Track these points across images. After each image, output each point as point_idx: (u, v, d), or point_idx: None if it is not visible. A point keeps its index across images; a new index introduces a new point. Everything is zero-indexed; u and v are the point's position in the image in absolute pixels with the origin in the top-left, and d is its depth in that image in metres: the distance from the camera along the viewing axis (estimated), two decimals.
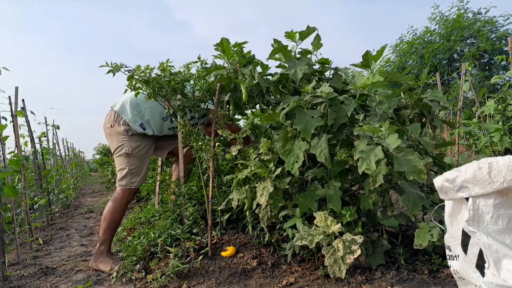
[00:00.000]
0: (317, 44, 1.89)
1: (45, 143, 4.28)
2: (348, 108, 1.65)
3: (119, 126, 2.27)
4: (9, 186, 2.23)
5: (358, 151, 1.49)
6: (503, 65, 11.51)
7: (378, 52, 1.81)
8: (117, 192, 2.30)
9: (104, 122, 2.36)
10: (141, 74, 1.97)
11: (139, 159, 2.30)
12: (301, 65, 1.83)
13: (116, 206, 2.26)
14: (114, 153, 2.32)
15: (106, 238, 2.24)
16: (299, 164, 1.62)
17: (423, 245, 1.59)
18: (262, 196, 1.72)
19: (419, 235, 1.63)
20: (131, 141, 2.27)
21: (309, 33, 1.82)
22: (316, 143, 1.62)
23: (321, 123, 1.62)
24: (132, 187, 2.29)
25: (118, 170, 2.32)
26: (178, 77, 1.99)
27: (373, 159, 1.43)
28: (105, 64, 1.88)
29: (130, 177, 2.28)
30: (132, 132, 2.27)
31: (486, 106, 4.37)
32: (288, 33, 1.84)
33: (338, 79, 1.96)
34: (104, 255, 2.21)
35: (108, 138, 2.36)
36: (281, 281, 1.72)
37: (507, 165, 1.16)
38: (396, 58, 15.01)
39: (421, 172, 1.40)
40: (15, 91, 2.96)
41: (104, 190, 7.63)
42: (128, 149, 2.25)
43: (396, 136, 1.43)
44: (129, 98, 2.29)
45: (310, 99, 1.68)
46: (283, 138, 1.70)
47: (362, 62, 1.88)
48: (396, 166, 1.43)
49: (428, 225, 1.65)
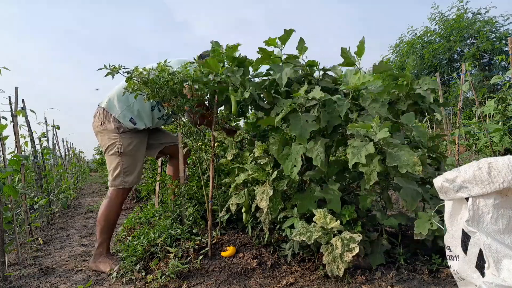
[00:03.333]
0: (302, 48, 1.87)
1: (45, 143, 4.28)
2: (341, 109, 1.64)
3: (110, 123, 2.20)
4: (9, 186, 2.23)
5: (351, 147, 1.50)
6: (503, 65, 11.51)
7: (359, 46, 1.77)
8: (110, 192, 2.24)
9: (93, 121, 2.30)
10: (139, 75, 1.96)
11: (132, 157, 2.25)
12: (287, 69, 1.80)
13: (110, 207, 2.22)
14: (106, 152, 2.25)
15: (104, 239, 2.21)
16: (298, 169, 1.61)
17: (423, 233, 1.58)
18: (262, 200, 1.71)
19: (418, 224, 1.62)
20: (123, 138, 2.21)
21: (289, 36, 1.80)
22: (312, 147, 1.62)
23: (316, 127, 1.61)
24: (125, 186, 2.24)
25: (110, 170, 2.25)
26: (176, 78, 1.99)
27: (363, 153, 1.44)
28: (104, 67, 1.88)
29: (123, 176, 2.22)
30: (123, 129, 2.21)
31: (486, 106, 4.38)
32: (267, 41, 1.81)
33: (327, 81, 1.96)
34: (103, 256, 2.20)
35: (98, 136, 2.30)
36: (281, 281, 1.72)
37: (506, 165, 1.17)
38: (396, 58, 15.01)
39: (416, 164, 1.39)
40: (15, 91, 2.96)
41: (104, 190, 7.63)
42: (120, 148, 2.19)
43: (385, 130, 1.44)
44: (116, 93, 2.24)
45: (304, 101, 1.68)
46: (279, 142, 1.70)
47: (344, 61, 1.85)
48: (389, 161, 1.44)
49: (427, 214, 1.65)
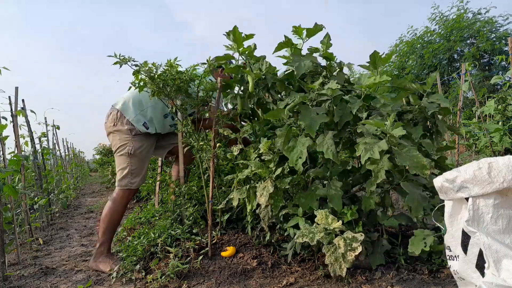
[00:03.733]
0: (327, 43, 1.87)
1: (45, 143, 4.28)
2: (353, 106, 1.65)
3: (123, 125, 2.25)
4: (9, 185, 2.22)
5: (362, 143, 1.50)
6: (503, 65, 11.52)
7: (388, 55, 1.78)
8: (116, 192, 2.28)
9: (105, 121, 2.34)
10: (147, 70, 1.96)
11: (140, 159, 2.29)
12: (306, 60, 1.82)
13: (115, 207, 2.25)
14: (116, 152, 2.30)
15: (106, 239, 2.23)
16: (303, 160, 1.62)
17: (416, 253, 1.59)
18: (262, 196, 1.73)
19: (413, 242, 1.63)
20: (134, 141, 2.25)
21: (317, 31, 1.81)
22: (322, 141, 1.63)
23: (326, 119, 1.62)
24: (132, 187, 2.28)
25: (118, 170, 2.30)
26: (183, 76, 1.99)
27: (376, 150, 1.44)
28: (113, 55, 1.88)
29: (131, 177, 2.27)
30: (135, 132, 2.26)
31: (486, 106, 4.38)
32: (295, 28, 1.80)
33: (341, 77, 1.96)
34: (104, 256, 2.21)
35: (110, 137, 2.34)
36: (281, 281, 1.72)
37: (506, 165, 1.17)
38: (396, 58, 15.01)
39: (424, 167, 1.40)
40: (15, 91, 2.96)
41: (104, 190, 7.63)
42: (131, 149, 2.24)
43: (401, 128, 1.44)
44: (131, 96, 2.28)
45: (315, 96, 1.69)
46: (285, 135, 1.70)
47: (369, 62, 1.85)
48: (399, 161, 1.44)
49: (423, 232, 1.65)
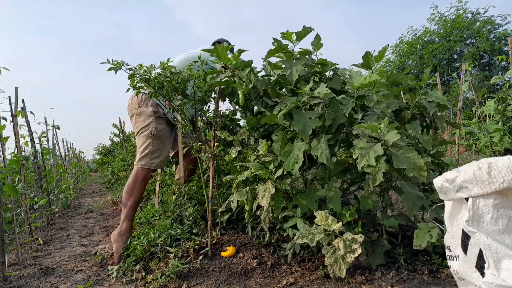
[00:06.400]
0: (317, 45, 1.89)
1: (45, 143, 4.28)
2: (346, 108, 1.65)
3: (147, 107, 2.34)
4: (9, 185, 2.22)
5: (358, 148, 1.49)
6: (503, 65, 11.52)
7: (380, 52, 1.81)
8: (135, 170, 2.34)
9: (129, 103, 2.43)
10: (142, 72, 1.97)
11: (161, 142, 2.36)
12: (298, 66, 1.82)
13: (134, 184, 2.31)
14: (139, 133, 2.36)
15: (127, 215, 2.27)
16: (299, 165, 1.62)
17: (422, 245, 1.60)
18: (263, 198, 1.72)
19: (418, 235, 1.64)
20: (157, 123, 2.33)
21: (306, 33, 1.81)
22: (316, 145, 1.62)
23: (319, 124, 1.62)
24: (151, 167, 2.33)
25: (139, 149, 2.36)
26: (178, 77, 1.99)
27: (372, 155, 1.43)
28: (107, 61, 1.88)
29: (151, 157, 2.32)
30: (159, 114, 2.34)
31: (486, 106, 4.38)
32: (284, 34, 1.81)
33: (337, 80, 1.96)
34: (124, 236, 2.24)
35: (133, 118, 2.42)
36: (281, 281, 1.72)
37: (506, 166, 1.17)
38: (396, 58, 15.04)
39: (421, 169, 1.40)
40: (15, 91, 2.96)
41: (104, 190, 7.62)
42: (154, 130, 2.31)
43: (395, 132, 1.44)
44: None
45: (308, 99, 1.68)
46: (282, 140, 1.70)
47: (362, 63, 1.88)
48: (396, 163, 1.43)
49: (427, 225, 1.66)
